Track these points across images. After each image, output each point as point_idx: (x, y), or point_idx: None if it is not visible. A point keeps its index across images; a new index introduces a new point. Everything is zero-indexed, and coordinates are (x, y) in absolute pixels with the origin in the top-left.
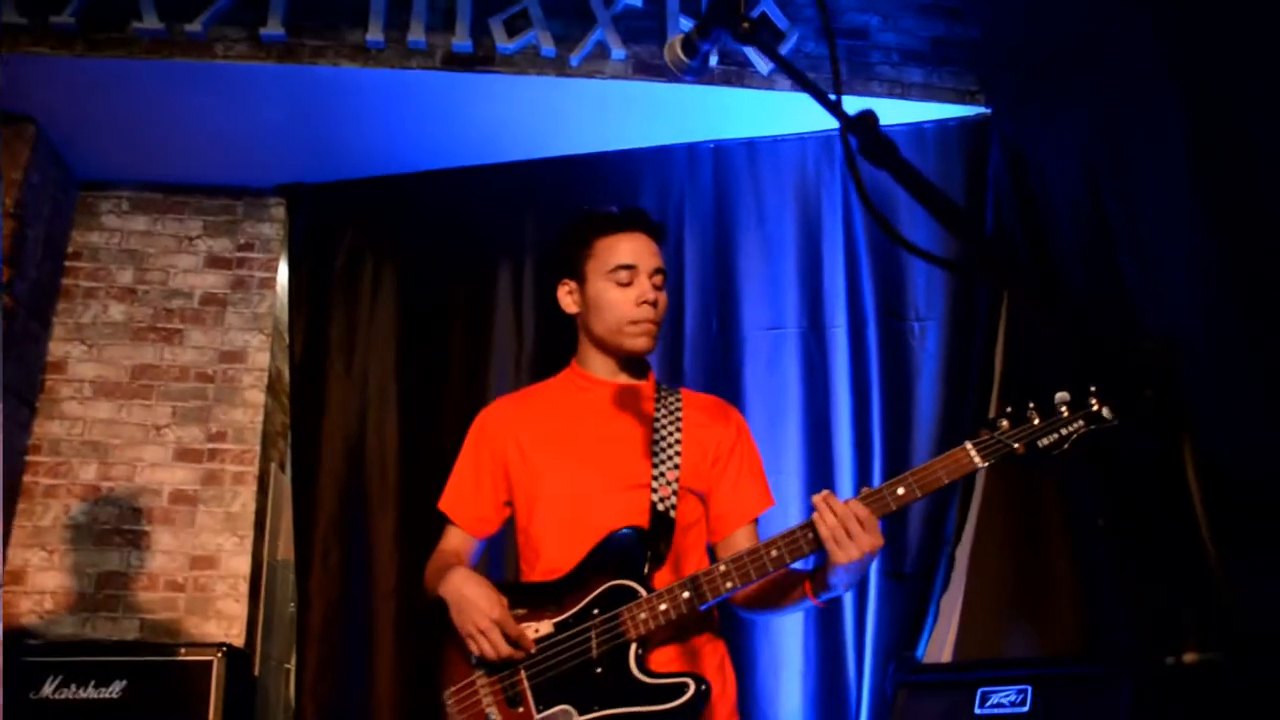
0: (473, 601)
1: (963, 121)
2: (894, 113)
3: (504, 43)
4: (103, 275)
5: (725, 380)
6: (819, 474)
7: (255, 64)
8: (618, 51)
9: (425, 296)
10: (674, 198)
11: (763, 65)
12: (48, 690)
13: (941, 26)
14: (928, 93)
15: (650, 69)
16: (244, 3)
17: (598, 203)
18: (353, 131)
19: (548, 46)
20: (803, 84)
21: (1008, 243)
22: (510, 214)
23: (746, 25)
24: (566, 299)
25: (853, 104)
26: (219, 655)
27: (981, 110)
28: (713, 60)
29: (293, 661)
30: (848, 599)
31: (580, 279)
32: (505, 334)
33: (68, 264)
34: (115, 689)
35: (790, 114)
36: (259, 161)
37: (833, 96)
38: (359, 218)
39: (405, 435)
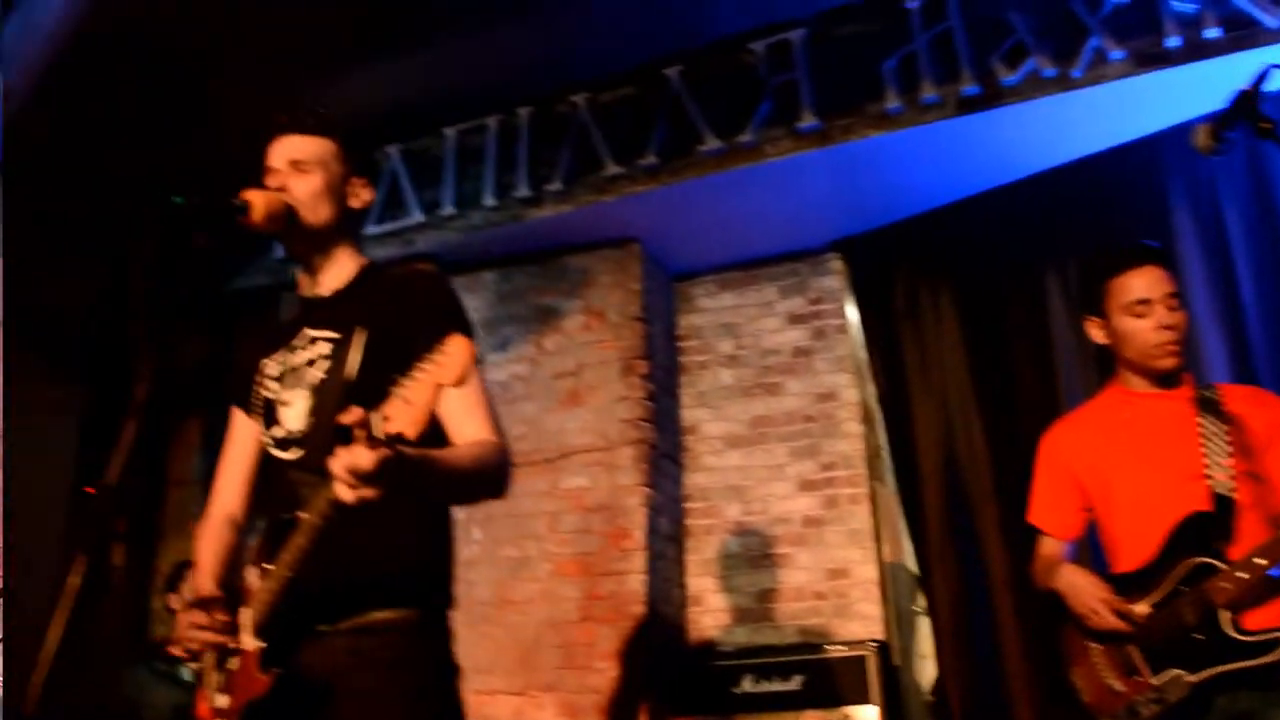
0: (1083, 587)
1: None
2: None
3: (1006, 76)
4: (708, 349)
5: None
6: None
7: (798, 154)
8: (1115, 52)
9: (982, 310)
10: (1204, 174)
11: (1270, 20)
12: (746, 686)
13: None
14: None
15: (1150, 59)
16: (779, 107)
17: (1126, 195)
18: (885, 184)
19: (1048, 68)
20: None
21: None
22: (1043, 221)
23: (1265, 125)
24: (1096, 333)
25: None
26: (873, 650)
27: None
28: (1213, 32)
29: (922, 651)
30: None
31: (1103, 315)
32: (1063, 331)
33: (680, 344)
34: (795, 682)
35: None
36: (811, 227)
37: None
38: (907, 254)
39: (990, 436)
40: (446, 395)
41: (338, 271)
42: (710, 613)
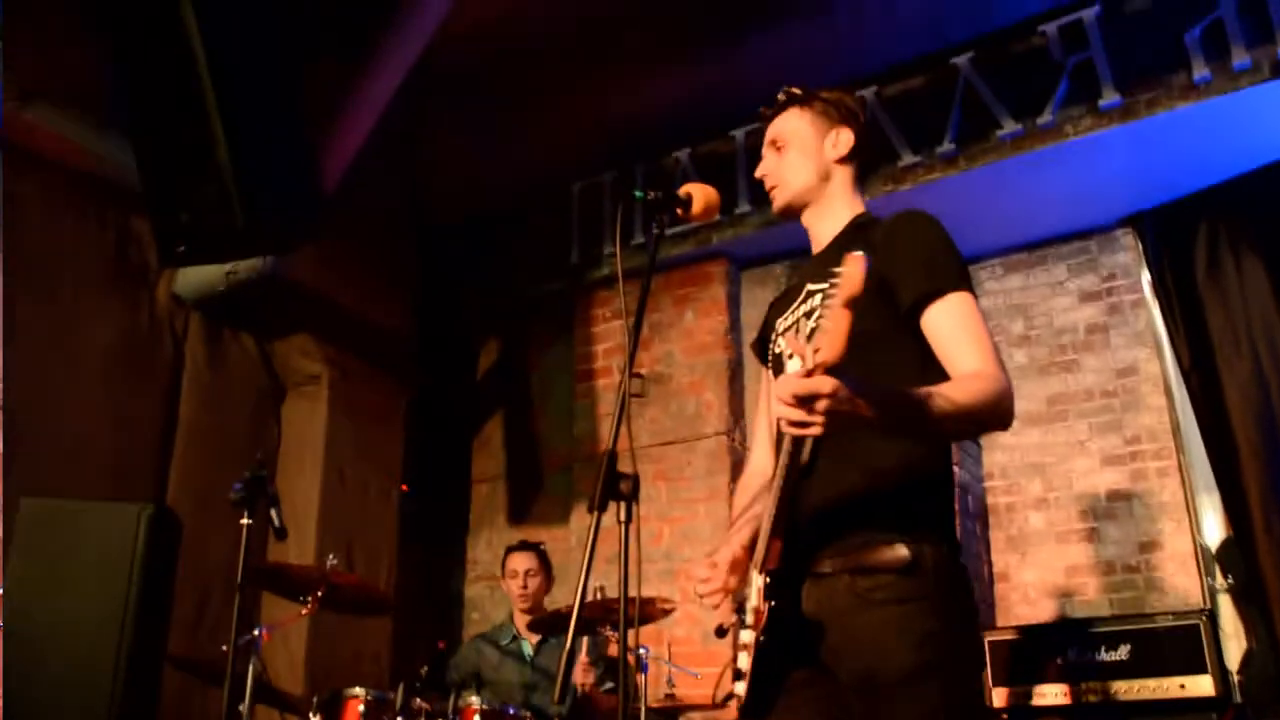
0: None
1: None
2: None
3: None
4: (1000, 330)
5: None
6: None
7: (1099, 132)
8: None
9: None
10: None
11: None
12: (1071, 656)
13: None
14: None
15: None
16: (1077, 84)
17: None
18: (1187, 155)
19: None
20: None
21: None
22: None
23: None
24: None
25: None
26: (1204, 620)
27: None
28: None
29: (1224, 629)
30: None
31: None
32: None
33: None
34: (1123, 652)
35: None
36: (1103, 203)
37: None
38: (1208, 222)
39: None
40: (936, 329)
41: (832, 224)
42: (1017, 588)
